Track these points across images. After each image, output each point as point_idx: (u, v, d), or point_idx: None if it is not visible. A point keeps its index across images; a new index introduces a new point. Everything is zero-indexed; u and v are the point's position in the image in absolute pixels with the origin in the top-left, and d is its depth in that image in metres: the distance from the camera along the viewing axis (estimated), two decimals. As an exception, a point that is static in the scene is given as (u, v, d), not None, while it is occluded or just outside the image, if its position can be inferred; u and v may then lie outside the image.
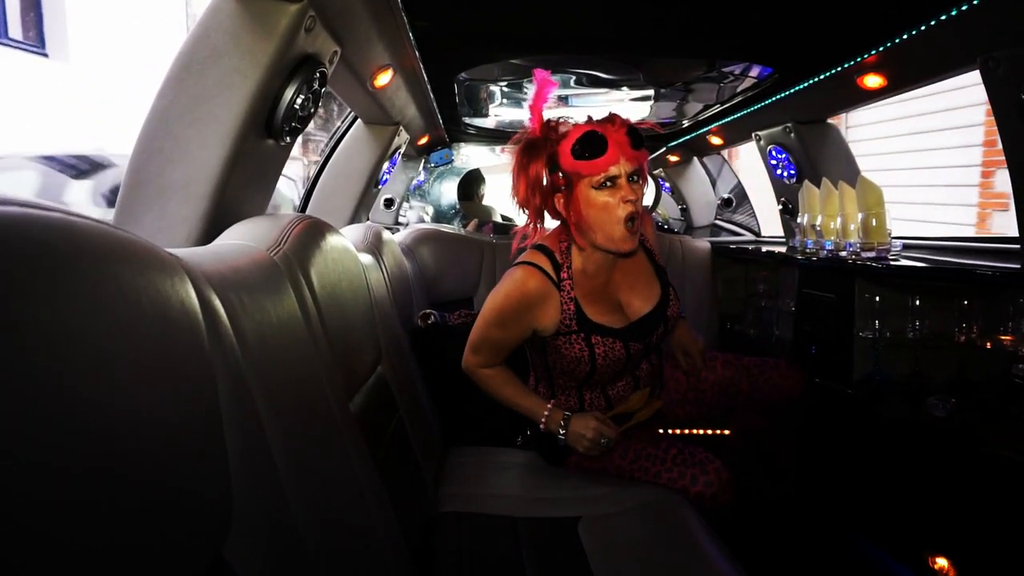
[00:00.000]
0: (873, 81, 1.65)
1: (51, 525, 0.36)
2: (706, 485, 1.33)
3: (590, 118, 1.35)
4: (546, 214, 1.40)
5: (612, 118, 1.32)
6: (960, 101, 4.36)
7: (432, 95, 2.09)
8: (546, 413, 1.44)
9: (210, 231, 1.02)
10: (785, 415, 1.68)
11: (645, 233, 1.52)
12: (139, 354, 0.44)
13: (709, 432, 1.97)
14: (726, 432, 1.92)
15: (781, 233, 2.61)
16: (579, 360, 1.40)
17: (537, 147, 1.33)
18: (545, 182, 1.34)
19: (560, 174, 1.34)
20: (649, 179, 3.15)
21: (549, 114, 1.37)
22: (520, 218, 1.53)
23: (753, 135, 2.41)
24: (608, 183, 1.30)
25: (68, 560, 0.36)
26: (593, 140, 1.28)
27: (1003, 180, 4.21)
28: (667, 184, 3.56)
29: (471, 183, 3.46)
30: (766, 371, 1.62)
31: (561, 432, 1.42)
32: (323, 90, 1.21)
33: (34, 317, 0.37)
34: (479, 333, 1.45)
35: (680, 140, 2.96)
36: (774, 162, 2.38)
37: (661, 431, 1.68)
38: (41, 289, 0.38)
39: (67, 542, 0.36)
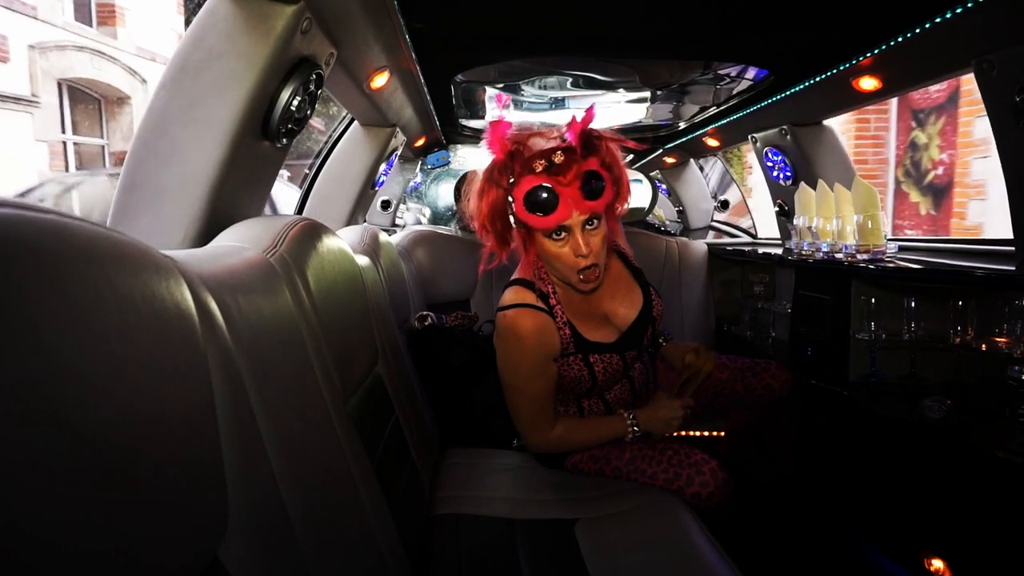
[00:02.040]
0: (868, 84, 1.66)
1: (45, 526, 0.35)
2: (702, 485, 1.33)
3: (540, 134, 1.29)
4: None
5: (566, 166, 1.23)
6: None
7: (429, 97, 2.09)
8: (623, 430, 1.43)
9: (206, 233, 1.02)
10: (777, 412, 1.70)
11: (617, 241, 1.50)
12: (134, 356, 0.44)
13: (704, 434, 1.97)
14: (721, 434, 1.93)
15: (778, 235, 2.61)
16: (579, 379, 1.42)
17: (501, 174, 1.28)
18: (505, 212, 1.30)
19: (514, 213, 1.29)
20: (645, 180, 3.18)
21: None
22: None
23: (749, 137, 2.42)
24: (560, 233, 1.28)
25: (62, 561, 0.36)
26: (541, 196, 1.23)
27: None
28: (664, 186, 3.56)
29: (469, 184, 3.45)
30: (758, 372, 1.63)
31: (638, 432, 1.43)
32: (319, 92, 1.21)
33: (27, 319, 0.37)
34: (521, 405, 1.41)
35: (677, 142, 2.96)
36: (770, 164, 2.38)
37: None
38: (35, 291, 0.37)
39: (61, 544, 0.36)
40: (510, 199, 1.28)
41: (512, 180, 1.26)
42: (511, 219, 1.31)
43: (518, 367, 1.38)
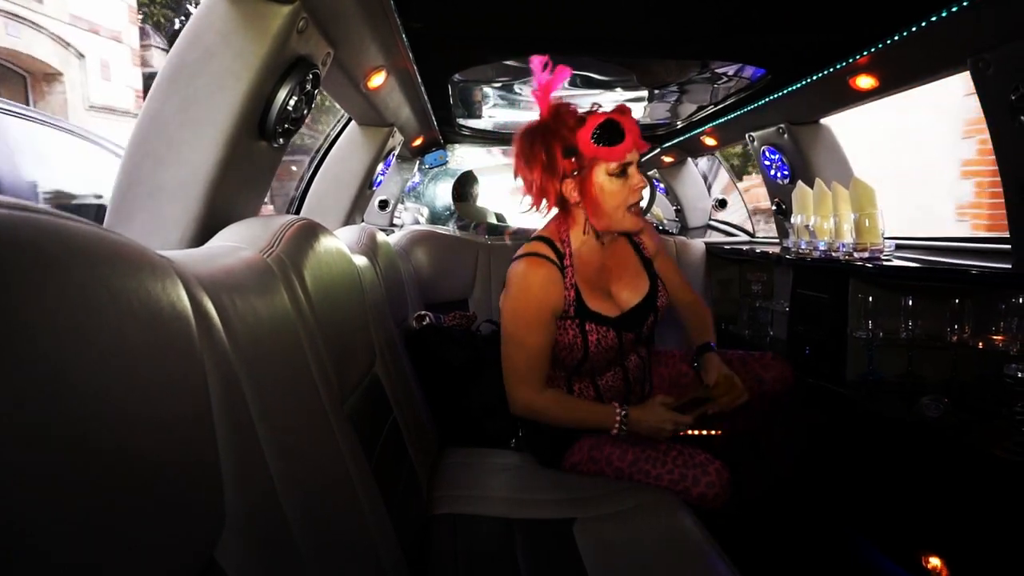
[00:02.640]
0: (865, 82, 1.66)
1: (41, 528, 0.35)
2: (708, 486, 1.33)
3: (597, 106, 1.40)
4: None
5: (623, 109, 1.38)
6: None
7: (426, 96, 2.09)
8: (610, 423, 1.41)
9: (203, 233, 1.02)
10: (772, 411, 1.65)
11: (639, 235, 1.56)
12: (130, 356, 0.44)
13: (701, 433, 1.97)
14: (718, 432, 1.92)
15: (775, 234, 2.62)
16: (572, 347, 1.43)
17: (550, 132, 1.36)
18: (556, 167, 1.37)
19: (573, 159, 1.37)
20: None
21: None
22: (513, 216, 1.56)
23: (747, 136, 2.42)
24: (621, 172, 1.38)
25: (58, 562, 0.36)
26: (613, 128, 1.35)
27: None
28: (662, 185, 3.56)
29: (466, 184, 3.46)
30: (749, 363, 1.62)
31: (625, 429, 1.41)
32: (316, 92, 1.21)
33: (24, 319, 0.37)
34: (516, 357, 1.42)
35: (674, 141, 2.97)
36: (768, 163, 2.39)
37: None
38: (31, 291, 0.37)
39: (57, 545, 0.36)
40: (565, 149, 1.36)
41: (573, 123, 1.36)
42: (560, 168, 1.38)
43: (521, 316, 1.41)
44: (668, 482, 1.37)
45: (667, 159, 3.27)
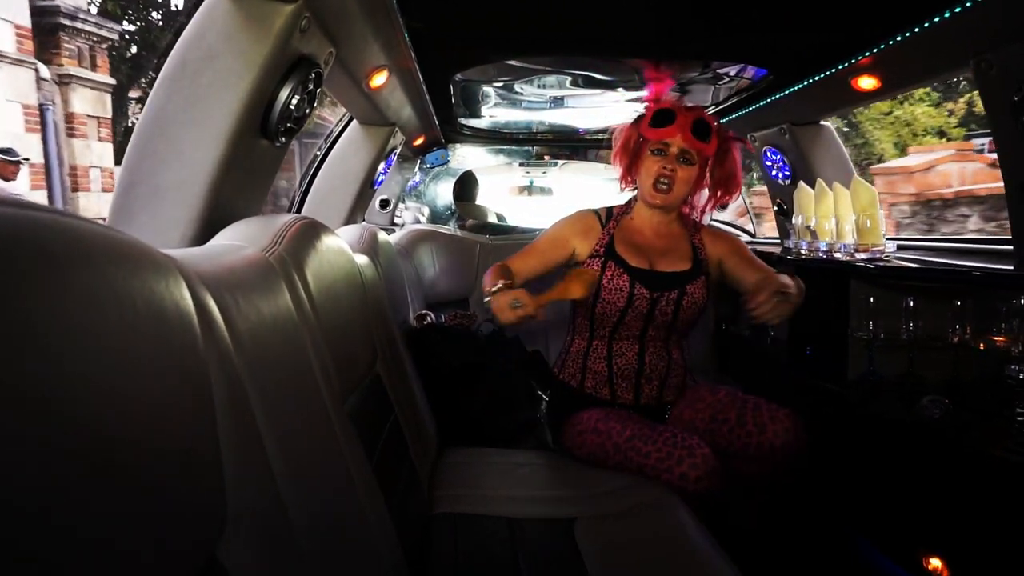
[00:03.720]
0: (867, 83, 1.66)
1: (43, 525, 0.35)
2: (691, 467, 1.34)
3: (683, 104, 1.76)
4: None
5: (692, 108, 1.63)
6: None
7: (428, 96, 2.09)
8: (493, 288, 1.54)
9: (205, 232, 1.02)
10: (776, 476, 1.50)
11: (703, 236, 1.74)
12: (133, 355, 0.44)
13: None
14: None
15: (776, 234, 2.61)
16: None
17: (633, 123, 1.68)
18: (630, 147, 1.67)
19: (639, 139, 1.65)
20: None
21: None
22: (514, 218, 1.62)
23: (748, 136, 2.42)
24: (660, 151, 1.60)
25: (60, 561, 0.36)
26: (663, 113, 1.60)
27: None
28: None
29: (467, 184, 3.46)
30: (759, 409, 1.49)
31: (487, 299, 1.55)
32: (318, 91, 1.21)
33: (27, 318, 0.37)
34: (528, 246, 1.72)
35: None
36: (769, 163, 2.39)
37: None
38: (34, 290, 0.37)
39: (59, 542, 0.36)
40: (638, 130, 1.65)
41: (645, 114, 1.65)
42: (631, 145, 1.68)
43: (549, 231, 1.75)
44: (655, 460, 1.39)
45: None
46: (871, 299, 1.77)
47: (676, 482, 1.34)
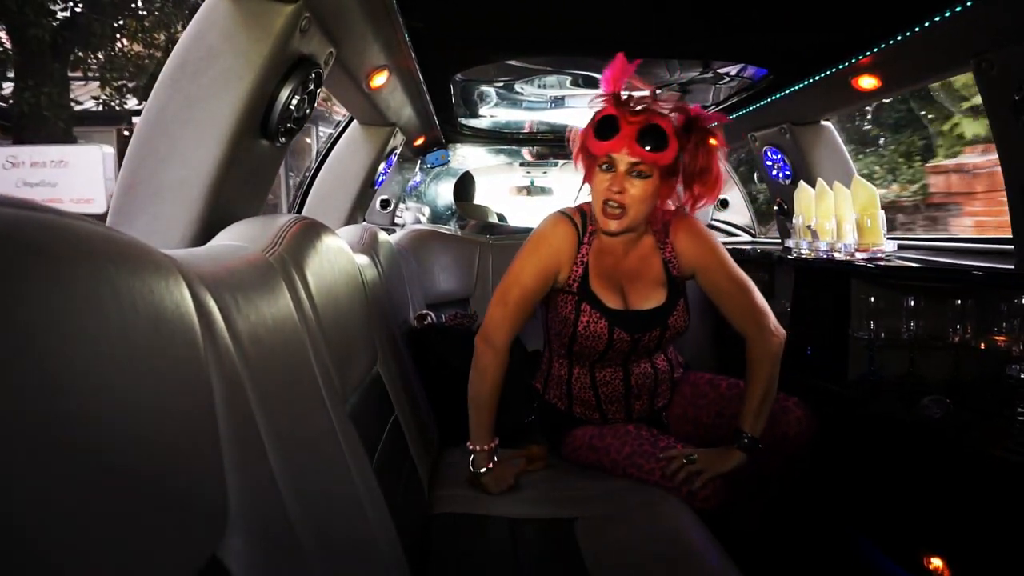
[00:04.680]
0: (867, 83, 1.66)
1: (43, 526, 0.35)
2: (699, 487, 1.33)
3: (653, 94, 1.37)
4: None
5: (644, 110, 1.34)
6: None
7: (428, 96, 2.09)
8: (481, 448, 1.45)
9: (205, 232, 1.02)
10: (785, 463, 1.49)
11: (674, 240, 1.50)
12: (133, 355, 0.44)
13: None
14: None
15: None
16: (565, 321, 1.46)
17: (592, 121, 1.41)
18: (583, 160, 1.43)
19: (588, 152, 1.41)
20: None
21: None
22: (515, 218, 1.55)
23: (748, 136, 2.42)
24: (608, 166, 1.36)
25: (62, 561, 0.36)
26: (605, 122, 1.35)
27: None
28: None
29: (467, 184, 3.46)
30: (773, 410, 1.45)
31: (483, 470, 1.44)
32: (318, 91, 1.21)
33: (27, 318, 0.37)
34: (508, 290, 1.45)
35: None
36: (769, 163, 2.39)
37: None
38: (34, 289, 0.37)
39: (60, 543, 0.36)
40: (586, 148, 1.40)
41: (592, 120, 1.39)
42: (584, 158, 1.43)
43: (526, 256, 1.46)
44: (660, 477, 1.37)
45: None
46: (872, 299, 1.77)
47: (683, 499, 1.33)
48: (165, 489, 0.45)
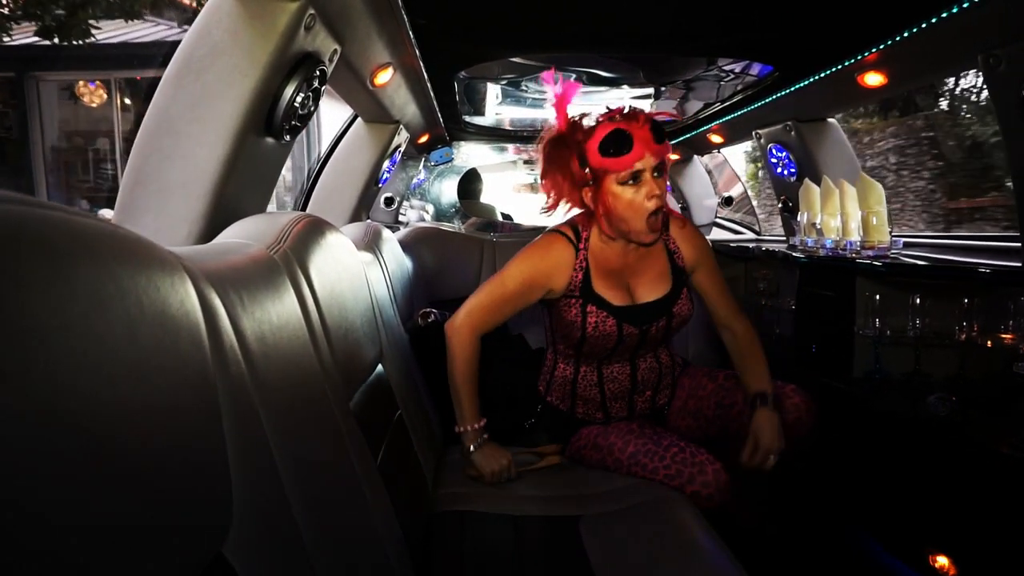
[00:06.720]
0: (874, 79, 1.65)
1: (48, 522, 0.35)
2: (703, 485, 1.32)
3: (609, 110, 1.39)
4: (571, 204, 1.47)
5: (635, 114, 1.37)
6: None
7: (432, 93, 2.09)
8: (469, 428, 1.45)
9: (210, 229, 1.02)
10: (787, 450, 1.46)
11: (673, 234, 1.56)
12: (138, 352, 0.44)
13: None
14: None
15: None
16: (572, 325, 1.47)
17: (565, 144, 1.40)
18: (575, 177, 1.41)
19: (588, 170, 1.39)
20: None
21: (570, 110, 1.41)
22: (519, 214, 1.54)
23: (754, 133, 2.41)
24: (633, 179, 1.36)
25: (66, 560, 0.36)
26: (619, 138, 1.34)
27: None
28: (667, 183, 3.55)
29: (471, 182, 3.46)
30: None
31: (472, 448, 1.44)
32: (323, 88, 1.21)
33: (33, 314, 0.37)
34: (489, 292, 1.48)
35: (680, 138, 2.96)
36: (774, 160, 2.38)
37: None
38: (40, 286, 0.37)
39: (65, 540, 0.36)
40: (580, 159, 1.39)
41: (582, 136, 1.38)
42: (578, 177, 1.41)
43: (514, 266, 1.48)
44: (664, 476, 1.37)
45: (673, 156, 3.26)
46: (877, 296, 1.76)
47: (688, 499, 1.33)
48: (170, 486, 0.45)
